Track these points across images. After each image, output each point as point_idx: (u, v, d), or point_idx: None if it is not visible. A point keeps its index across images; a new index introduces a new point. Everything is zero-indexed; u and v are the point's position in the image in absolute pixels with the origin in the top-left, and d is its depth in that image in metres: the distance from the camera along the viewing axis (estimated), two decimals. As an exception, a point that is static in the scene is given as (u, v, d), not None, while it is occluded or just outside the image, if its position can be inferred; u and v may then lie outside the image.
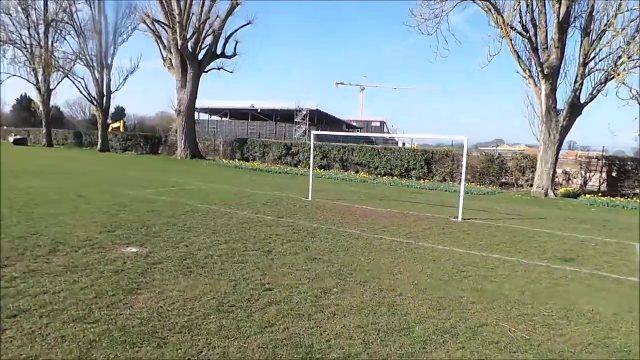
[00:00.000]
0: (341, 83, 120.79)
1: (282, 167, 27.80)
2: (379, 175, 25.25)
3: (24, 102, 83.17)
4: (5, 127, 57.91)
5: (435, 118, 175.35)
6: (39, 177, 14.75)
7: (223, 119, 68.22)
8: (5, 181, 13.08)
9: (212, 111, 64.26)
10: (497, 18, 16.99)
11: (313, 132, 14.39)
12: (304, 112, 62.48)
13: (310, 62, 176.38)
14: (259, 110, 62.59)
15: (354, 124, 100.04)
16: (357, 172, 26.52)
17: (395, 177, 24.71)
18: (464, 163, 11.66)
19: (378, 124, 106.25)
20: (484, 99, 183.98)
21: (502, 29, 16.79)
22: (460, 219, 11.07)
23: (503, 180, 23.23)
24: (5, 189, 11.46)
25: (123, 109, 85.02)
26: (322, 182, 20.61)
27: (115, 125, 60.83)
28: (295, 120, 62.66)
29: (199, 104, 63.93)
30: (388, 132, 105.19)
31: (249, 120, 64.52)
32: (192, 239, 7.05)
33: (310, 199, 13.65)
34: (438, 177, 24.22)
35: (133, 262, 5.47)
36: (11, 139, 45.76)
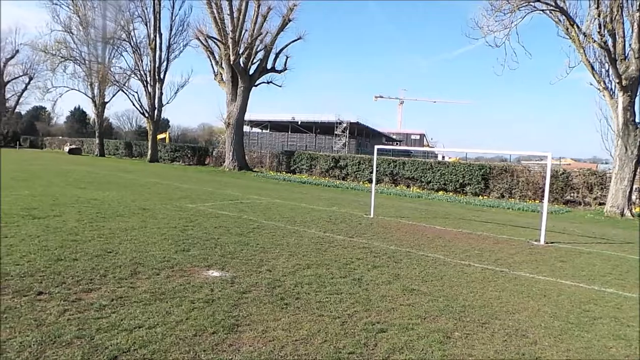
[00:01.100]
0: (380, 96, 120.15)
1: (331, 180, 27.34)
2: (432, 191, 24.32)
3: (77, 114, 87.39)
4: (61, 137, 60.61)
5: (474, 131, 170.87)
6: (102, 189, 14.84)
7: (264, 131, 68.91)
8: (70, 192, 13.18)
9: (253, 123, 65.01)
10: (569, 28, 15.94)
11: (376, 147, 13.77)
12: (344, 125, 62.22)
13: (350, 76, 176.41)
14: (299, 123, 62.85)
15: (394, 136, 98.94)
16: (408, 186, 25.69)
17: (449, 193, 23.70)
18: (547, 181, 10.68)
19: (418, 136, 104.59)
20: (521, 111, 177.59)
21: (575, 40, 15.71)
22: (542, 242, 10.13)
23: (568, 197, 21.78)
24: (72, 200, 11.46)
25: (167, 121, 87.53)
26: (375, 197, 19.93)
27: (161, 136, 62.47)
28: (336, 132, 62.48)
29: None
30: (427, 145, 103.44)
31: (289, 133, 64.89)
32: (271, 262, 6.56)
33: (372, 215, 13.04)
34: (496, 194, 23.02)
35: (222, 290, 5.00)
36: (67, 148, 47.75)
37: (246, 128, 68.48)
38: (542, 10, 16.14)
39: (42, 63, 46.18)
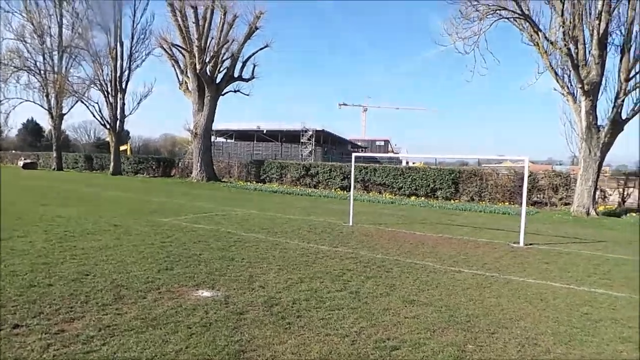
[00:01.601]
0: (344, 104, 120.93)
1: (302, 188, 27.10)
2: (404, 196, 24.52)
3: (30, 127, 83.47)
4: (13, 151, 57.60)
5: (436, 137, 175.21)
6: (65, 205, 14.03)
7: (229, 140, 67.94)
8: (33, 209, 12.36)
9: (218, 133, 64.02)
10: (533, 35, 16.49)
11: (354, 155, 13.71)
12: (310, 133, 62.27)
13: (312, 84, 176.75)
14: (264, 132, 62.44)
15: (359, 143, 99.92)
16: (380, 192, 25.79)
17: (421, 198, 23.95)
18: (525, 185, 10.90)
19: (382, 143, 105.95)
20: (480, 116, 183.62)
21: (539, 47, 16.26)
22: (522, 244, 10.29)
23: (535, 198, 22.43)
24: (35, 219, 10.73)
25: (128, 132, 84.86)
26: (338, 204, 19.87)
27: (123, 148, 60.45)
28: (302, 140, 62.41)
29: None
30: (392, 151, 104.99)
31: (255, 142, 64.32)
32: (262, 277, 6.27)
33: (351, 223, 12.92)
34: (466, 197, 23.44)
35: (217, 312, 4.68)
36: (21, 163, 45.31)
37: (212, 138, 67.44)
38: (507, 18, 16.64)
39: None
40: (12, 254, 6.91)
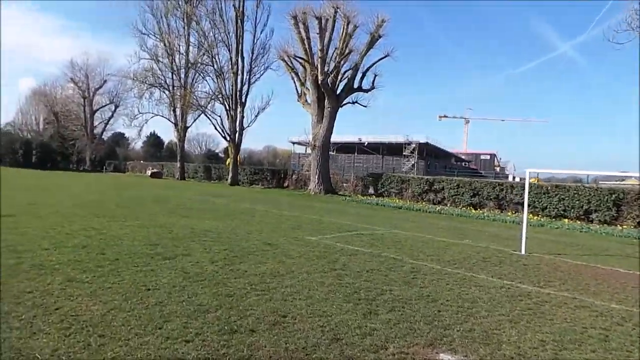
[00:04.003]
0: (445, 116, 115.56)
1: (425, 204, 25.11)
2: (548, 218, 21.38)
3: (152, 139, 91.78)
4: (142, 162, 63.15)
5: (548, 150, 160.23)
6: (203, 218, 13.78)
7: (330, 153, 67.77)
8: (178, 221, 12.13)
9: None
10: None
11: (528, 170, 11.62)
12: (413, 146, 59.63)
13: (413, 97, 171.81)
14: (365, 144, 61.19)
15: (463, 157, 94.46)
16: (515, 212, 22.86)
17: (570, 221, 20.64)
18: None
19: (488, 157, 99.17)
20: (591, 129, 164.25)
21: None
22: None
23: None
24: (186, 233, 10.31)
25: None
26: (491, 226, 17.57)
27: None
28: (404, 153, 60.01)
29: (302, 138, 64.61)
30: (498, 166, 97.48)
31: (356, 154, 63.37)
32: (500, 333, 4.69)
33: (523, 252, 10.83)
34: (631, 222, 19.67)
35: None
36: (149, 172, 49.19)
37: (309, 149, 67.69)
38: None
39: (130, 91, 48.32)
40: (186, 278, 6.13)
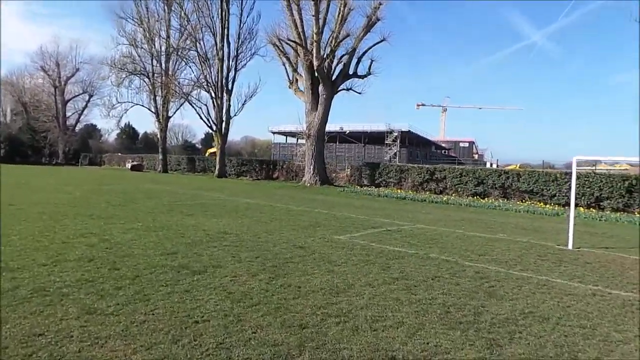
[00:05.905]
0: (422, 104, 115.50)
1: (427, 194, 24.18)
2: (558, 206, 20.74)
3: (127, 130, 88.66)
4: (119, 154, 60.47)
5: (521, 138, 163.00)
6: (209, 215, 12.42)
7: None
8: (185, 222, 10.74)
9: (294, 135, 63.34)
10: None
11: (575, 158, 10.69)
12: (395, 134, 58.95)
13: (390, 84, 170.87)
14: (347, 133, 60.25)
15: (443, 144, 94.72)
16: (522, 200, 22.17)
17: (581, 209, 20.03)
18: None
19: (467, 144, 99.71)
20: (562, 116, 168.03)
21: None
22: None
23: None
24: (202, 237, 8.96)
25: (211, 135, 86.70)
26: (506, 216, 16.72)
27: (212, 150, 61.25)
28: (386, 142, 59.35)
29: (282, 128, 63.06)
30: (477, 153, 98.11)
31: (337, 143, 62.45)
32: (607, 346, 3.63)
33: (570, 247, 9.92)
34: (645, 209, 19.18)
35: None
36: (129, 165, 46.93)
37: (290, 139, 66.02)
38: None
39: (106, 79, 45.72)
40: (236, 302, 4.87)
